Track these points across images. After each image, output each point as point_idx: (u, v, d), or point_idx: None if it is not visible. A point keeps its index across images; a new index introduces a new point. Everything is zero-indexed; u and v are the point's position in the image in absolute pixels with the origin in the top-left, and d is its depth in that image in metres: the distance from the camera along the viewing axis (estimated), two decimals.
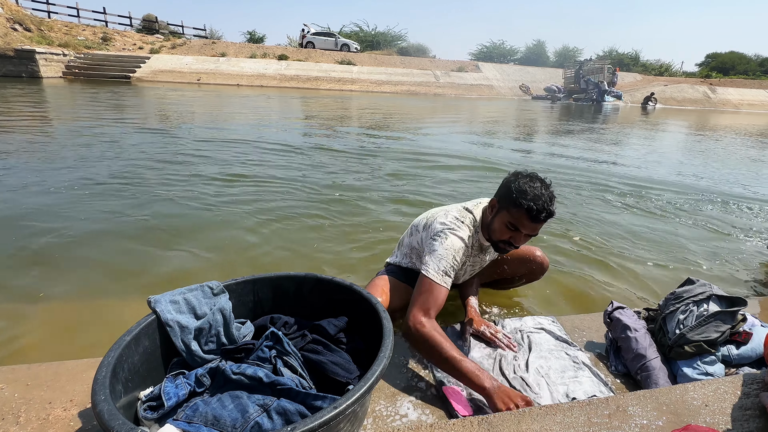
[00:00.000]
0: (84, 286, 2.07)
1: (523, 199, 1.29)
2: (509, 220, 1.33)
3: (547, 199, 1.29)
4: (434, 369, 1.34)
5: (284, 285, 1.35)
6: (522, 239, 1.36)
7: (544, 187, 1.33)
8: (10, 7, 19.09)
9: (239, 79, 20.75)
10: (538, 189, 1.30)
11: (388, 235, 2.82)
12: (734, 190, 4.78)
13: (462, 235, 1.42)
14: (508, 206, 1.34)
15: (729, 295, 1.41)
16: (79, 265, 2.25)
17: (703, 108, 26.09)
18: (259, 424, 0.88)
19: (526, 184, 1.32)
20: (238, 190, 3.68)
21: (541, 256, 1.74)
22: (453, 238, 1.40)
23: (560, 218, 3.34)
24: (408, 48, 34.07)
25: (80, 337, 1.71)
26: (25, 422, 1.06)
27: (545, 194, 1.30)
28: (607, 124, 12.03)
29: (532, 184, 1.31)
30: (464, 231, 1.43)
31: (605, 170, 5.44)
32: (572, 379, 1.34)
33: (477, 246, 1.52)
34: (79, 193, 3.34)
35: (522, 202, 1.29)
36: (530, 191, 1.29)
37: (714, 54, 39.78)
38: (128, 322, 1.08)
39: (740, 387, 1.11)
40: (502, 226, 1.36)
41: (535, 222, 1.31)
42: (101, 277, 2.15)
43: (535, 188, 1.30)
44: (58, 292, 2.00)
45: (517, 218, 1.32)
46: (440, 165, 5.19)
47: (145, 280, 2.15)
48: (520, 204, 1.29)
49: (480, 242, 1.52)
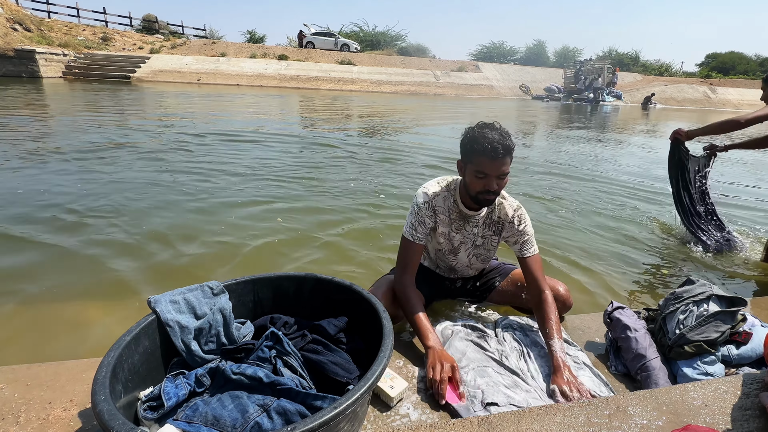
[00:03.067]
0: (84, 286, 2.07)
1: (477, 144, 1.36)
2: (475, 170, 1.39)
3: (499, 137, 1.35)
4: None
5: (284, 285, 1.35)
6: (494, 182, 1.39)
7: (492, 128, 1.38)
8: (10, 7, 19.09)
9: (239, 79, 20.75)
10: (488, 131, 1.36)
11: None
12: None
13: (428, 190, 1.54)
14: (470, 158, 1.40)
15: (729, 295, 1.41)
16: (79, 265, 2.25)
17: (704, 108, 26.08)
18: (259, 424, 0.88)
19: (476, 132, 1.38)
20: (242, 188, 3.68)
21: (564, 294, 1.66)
22: (419, 194, 1.55)
23: (562, 217, 3.34)
24: (408, 48, 34.06)
25: (80, 337, 1.71)
26: (25, 422, 1.06)
27: (495, 132, 1.36)
28: (599, 130, 11.99)
29: (480, 131, 1.38)
30: (432, 188, 1.55)
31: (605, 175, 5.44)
32: None
33: (457, 214, 1.56)
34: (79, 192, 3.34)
35: (476, 147, 1.36)
36: (480, 136, 1.36)
37: (714, 54, 39.80)
38: (128, 322, 1.08)
39: (740, 387, 1.11)
40: (472, 178, 1.41)
41: (495, 159, 1.35)
42: (101, 277, 2.15)
43: (485, 132, 1.36)
44: (58, 291, 2.00)
45: (479, 164, 1.37)
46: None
47: (145, 280, 2.15)
48: (476, 150, 1.36)
49: (459, 208, 1.55)
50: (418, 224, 1.53)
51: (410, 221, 1.54)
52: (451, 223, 1.57)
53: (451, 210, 1.56)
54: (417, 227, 1.53)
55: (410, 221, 1.54)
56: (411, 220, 1.54)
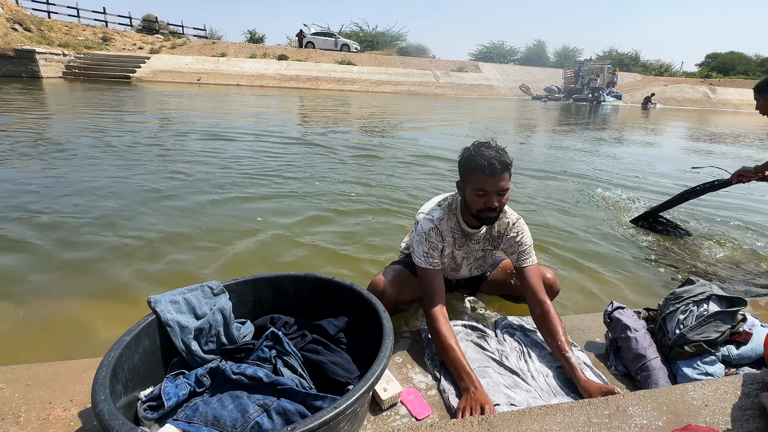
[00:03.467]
0: (84, 286, 2.07)
1: (475, 163, 1.38)
2: (475, 188, 1.40)
3: (495, 153, 1.37)
4: (434, 368, 1.35)
5: (284, 285, 1.35)
6: (495, 199, 1.40)
7: (487, 146, 1.40)
8: (10, 7, 19.08)
9: (239, 79, 20.74)
10: (484, 149, 1.39)
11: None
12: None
13: (433, 216, 1.52)
14: (468, 177, 1.42)
15: (729, 295, 1.42)
16: (79, 265, 2.25)
17: (704, 108, 26.09)
18: (259, 424, 0.88)
19: (473, 152, 1.41)
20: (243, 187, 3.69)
21: (551, 279, 1.72)
22: (424, 221, 1.52)
23: (560, 221, 3.34)
24: (408, 48, 34.05)
25: (80, 337, 1.71)
26: (25, 422, 1.06)
27: (492, 150, 1.38)
28: (596, 129, 11.97)
29: (477, 150, 1.40)
30: (436, 213, 1.54)
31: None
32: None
33: (459, 233, 1.57)
34: (79, 192, 3.34)
35: (475, 165, 1.38)
36: (477, 154, 1.38)
37: (714, 54, 39.78)
38: (128, 322, 1.09)
39: (740, 387, 1.11)
40: (473, 196, 1.42)
41: (494, 176, 1.37)
42: (101, 277, 2.15)
43: (481, 150, 1.39)
44: (57, 291, 2.00)
45: (479, 182, 1.39)
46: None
47: (145, 279, 2.15)
48: (474, 168, 1.38)
49: (462, 229, 1.56)
50: (431, 250, 1.48)
51: (422, 250, 1.48)
52: (455, 243, 1.58)
53: (455, 230, 1.55)
54: (431, 253, 1.48)
55: (422, 250, 1.48)
56: (423, 249, 1.48)
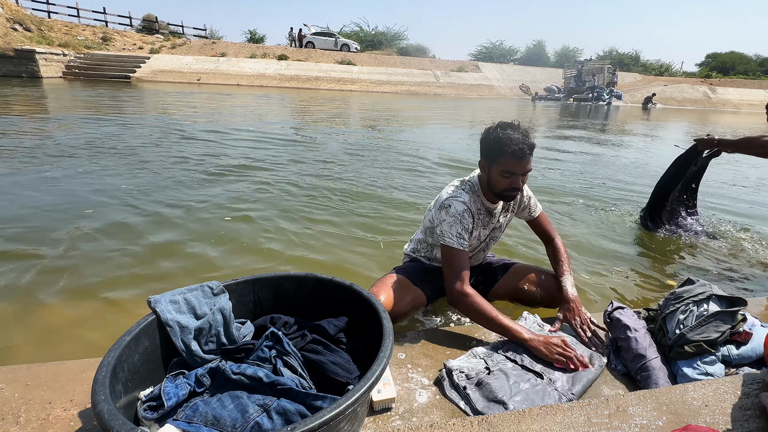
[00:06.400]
0: (84, 286, 2.07)
1: (504, 147, 1.41)
2: (502, 170, 1.45)
3: (522, 137, 1.41)
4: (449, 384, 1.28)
5: (284, 285, 1.35)
6: (520, 180, 1.47)
7: (514, 128, 1.43)
8: (10, 7, 19.08)
9: (239, 79, 20.74)
10: (511, 132, 1.42)
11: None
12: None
13: (464, 199, 1.56)
14: (496, 159, 1.45)
15: (729, 295, 1.41)
16: (79, 264, 2.25)
17: (704, 108, 26.08)
18: (259, 424, 0.88)
19: (500, 134, 1.43)
20: (244, 188, 3.69)
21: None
22: (456, 203, 1.55)
23: (562, 217, 3.34)
24: (408, 48, 34.04)
25: (80, 337, 1.71)
26: (25, 422, 1.06)
27: (518, 132, 1.42)
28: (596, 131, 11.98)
29: (504, 131, 1.43)
30: (465, 196, 1.57)
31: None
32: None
33: (484, 210, 1.62)
34: (79, 192, 3.34)
35: (504, 149, 1.41)
36: (505, 138, 1.41)
37: (714, 54, 39.78)
38: (128, 322, 1.08)
39: (740, 387, 1.11)
40: (499, 177, 1.47)
41: (522, 160, 1.42)
42: (101, 277, 2.15)
43: (509, 133, 1.41)
44: (57, 291, 2.00)
45: (507, 165, 1.43)
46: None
47: (145, 279, 2.15)
48: (503, 152, 1.42)
49: (485, 205, 1.61)
50: (464, 232, 1.52)
51: (455, 231, 1.51)
52: (481, 223, 1.63)
53: (480, 210, 1.61)
54: (464, 235, 1.52)
55: (455, 231, 1.51)
56: (456, 230, 1.51)
